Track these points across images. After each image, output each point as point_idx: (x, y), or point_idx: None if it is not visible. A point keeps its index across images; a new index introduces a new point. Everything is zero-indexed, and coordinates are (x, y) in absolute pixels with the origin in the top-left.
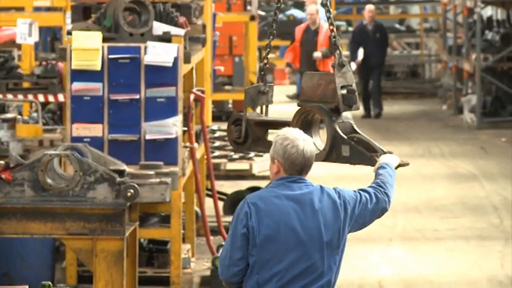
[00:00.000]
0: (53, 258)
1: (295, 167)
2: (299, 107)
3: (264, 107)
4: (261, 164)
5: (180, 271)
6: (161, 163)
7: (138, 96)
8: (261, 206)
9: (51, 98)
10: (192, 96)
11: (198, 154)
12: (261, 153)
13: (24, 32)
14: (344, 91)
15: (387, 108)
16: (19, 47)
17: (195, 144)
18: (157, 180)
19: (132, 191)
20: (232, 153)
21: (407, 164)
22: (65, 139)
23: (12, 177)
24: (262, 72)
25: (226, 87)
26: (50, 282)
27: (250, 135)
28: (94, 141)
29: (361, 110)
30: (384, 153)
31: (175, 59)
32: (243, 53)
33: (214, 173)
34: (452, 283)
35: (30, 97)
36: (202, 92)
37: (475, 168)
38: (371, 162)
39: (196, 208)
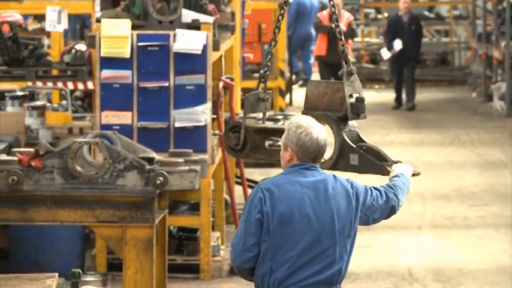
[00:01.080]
0: (82, 245)
1: (309, 154)
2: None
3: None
4: None
5: (209, 259)
6: (190, 151)
7: (167, 84)
8: (275, 192)
9: (80, 86)
10: (221, 84)
11: None
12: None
13: (54, 20)
14: (352, 100)
15: (417, 96)
16: (48, 34)
17: None
18: (187, 167)
19: (161, 178)
20: None
21: (418, 174)
22: (95, 127)
23: (42, 164)
24: (263, 79)
25: (255, 74)
26: (79, 270)
27: (249, 143)
28: (123, 128)
29: (391, 101)
30: (394, 162)
31: (204, 47)
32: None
33: (244, 160)
34: (481, 271)
35: (60, 85)
36: (232, 79)
37: (505, 156)
38: (382, 171)
39: (226, 196)
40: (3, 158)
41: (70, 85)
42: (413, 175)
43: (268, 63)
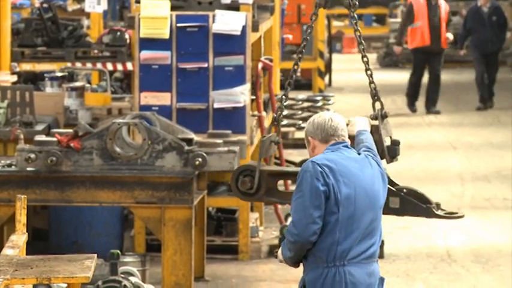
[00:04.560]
0: (121, 226)
1: (327, 130)
2: None
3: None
4: None
5: (248, 240)
6: (229, 132)
7: (206, 65)
8: (332, 166)
9: (119, 67)
10: (260, 65)
11: (266, 123)
12: None
13: (93, 1)
14: (388, 143)
15: (456, 76)
16: (88, 15)
17: (263, 113)
18: (226, 148)
19: (200, 159)
20: (300, 121)
21: (462, 216)
22: (133, 108)
23: (80, 145)
24: (276, 123)
25: (295, 55)
26: (118, 251)
27: (263, 186)
28: (162, 109)
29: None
30: (437, 204)
31: (244, 28)
32: None
33: (283, 141)
34: None
35: (99, 66)
36: (271, 60)
37: None
38: (427, 213)
39: None
40: (43, 138)
41: (109, 66)
42: (456, 217)
43: (283, 107)
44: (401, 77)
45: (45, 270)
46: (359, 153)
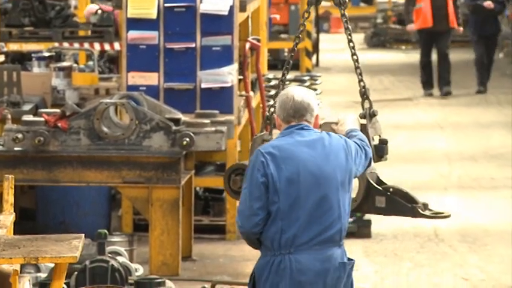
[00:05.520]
0: (108, 206)
1: (288, 111)
2: None
3: None
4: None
5: (235, 220)
6: (217, 112)
7: (193, 45)
8: (276, 154)
9: (107, 47)
10: (247, 45)
11: (253, 102)
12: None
13: None
14: (376, 142)
15: None
16: None
17: (251, 93)
18: (213, 128)
19: (187, 139)
20: None
21: (448, 216)
22: (121, 88)
23: (68, 125)
24: (268, 121)
25: (282, 35)
26: (105, 231)
27: None
28: (150, 89)
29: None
30: (423, 204)
31: (231, 8)
32: (299, 1)
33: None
34: (508, 231)
35: (86, 45)
36: (258, 40)
37: None
38: (413, 213)
39: None
40: (30, 118)
41: (96, 46)
42: (442, 217)
43: (275, 105)
44: (389, 57)
45: (33, 250)
46: (318, 132)
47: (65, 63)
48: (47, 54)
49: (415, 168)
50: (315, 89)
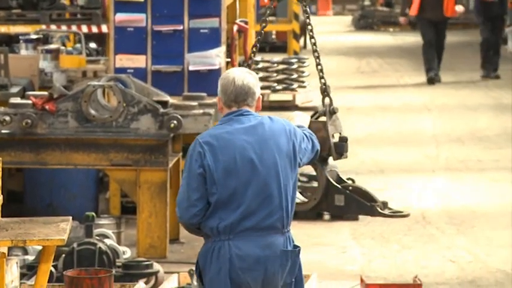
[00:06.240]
0: (96, 189)
1: (229, 95)
2: None
3: None
4: (304, 94)
5: None
6: (204, 94)
7: (181, 27)
8: (213, 143)
9: (94, 29)
10: (235, 27)
11: None
12: (304, 85)
13: None
14: (336, 139)
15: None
16: None
17: None
18: (201, 111)
19: (175, 122)
20: (275, 84)
21: (407, 215)
22: (108, 70)
23: (55, 108)
24: None
25: (270, 18)
26: (93, 213)
27: None
28: (137, 72)
29: (406, 44)
30: (383, 203)
31: None
32: None
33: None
34: (495, 213)
35: (74, 28)
36: (246, 23)
37: None
38: (372, 212)
39: None
40: (17, 101)
41: (84, 28)
42: (400, 216)
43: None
44: (376, 39)
45: (20, 232)
46: (258, 117)
47: (52, 46)
48: (34, 36)
49: (403, 151)
50: (302, 72)
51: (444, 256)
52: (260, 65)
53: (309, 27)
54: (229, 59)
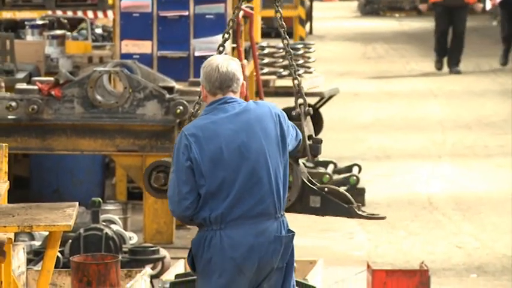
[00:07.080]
0: (102, 174)
1: (214, 83)
2: None
3: None
4: (310, 80)
5: None
6: None
7: (187, 13)
8: (199, 135)
9: (100, 15)
10: (241, 13)
11: (247, 71)
12: (310, 70)
13: None
14: (310, 141)
15: None
16: None
17: (244, 61)
18: None
19: (181, 107)
20: (281, 70)
21: (383, 218)
22: (114, 56)
23: (61, 93)
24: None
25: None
26: (99, 199)
27: None
28: (143, 58)
29: (412, 30)
30: (358, 205)
31: None
32: None
33: (264, 89)
34: (501, 199)
35: (80, 14)
36: (252, 8)
37: None
38: (349, 213)
39: None
40: (24, 87)
41: (90, 14)
42: (377, 218)
43: (200, 103)
44: (382, 24)
45: (27, 218)
46: (242, 104)
47: (58, 31)
48: (40, 22)
49: (410, 137)
50: (309, 57)
51: (451, 242)
52: (266, 51)
53: (276, 8)
54: (235, 45)
